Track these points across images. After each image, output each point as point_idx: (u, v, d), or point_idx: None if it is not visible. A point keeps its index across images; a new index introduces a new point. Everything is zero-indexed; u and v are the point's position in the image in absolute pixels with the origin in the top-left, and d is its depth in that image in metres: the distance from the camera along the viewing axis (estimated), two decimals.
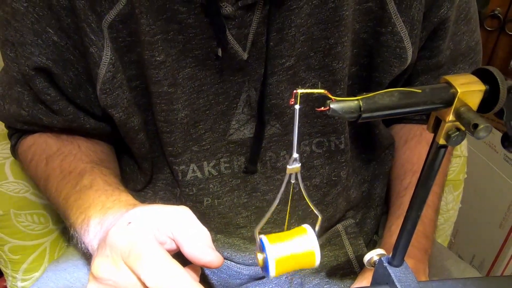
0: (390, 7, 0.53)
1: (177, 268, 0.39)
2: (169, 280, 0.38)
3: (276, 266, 0.37)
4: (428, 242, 0.60)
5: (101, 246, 0.42)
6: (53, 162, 0.59)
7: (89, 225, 0.49)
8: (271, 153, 0.60)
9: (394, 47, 0.55)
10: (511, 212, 1.18)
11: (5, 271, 0.78)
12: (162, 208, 0.45)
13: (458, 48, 0.62)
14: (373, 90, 0.29)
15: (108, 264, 0.41)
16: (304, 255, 0.38)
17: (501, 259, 1.24)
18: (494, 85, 0.31)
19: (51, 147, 0.61)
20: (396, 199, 0.67)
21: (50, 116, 0.58)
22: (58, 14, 0.51)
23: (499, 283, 0.44)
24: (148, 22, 0.50)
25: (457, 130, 0.31)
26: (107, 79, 0.52)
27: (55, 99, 0.56)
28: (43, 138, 0.62)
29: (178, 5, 0.49)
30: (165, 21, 0.50)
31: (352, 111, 0.29)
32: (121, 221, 0.43)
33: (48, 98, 0.56)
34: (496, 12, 1.25)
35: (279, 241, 0.39)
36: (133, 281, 0.40)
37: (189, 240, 0.42)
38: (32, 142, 0.63)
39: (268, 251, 0.37)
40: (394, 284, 0.40)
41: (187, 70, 0.54)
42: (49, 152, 0.60)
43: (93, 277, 0.42)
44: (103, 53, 0.51)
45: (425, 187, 0.37)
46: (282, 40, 0.52)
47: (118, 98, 0.54)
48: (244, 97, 0.56)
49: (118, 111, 0.55)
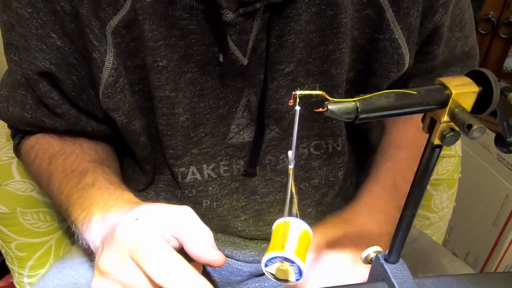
0: (388, 15, 0.53)
1: (183, 264, 0.39)
2: (175, 275, 0.39)
3: (298, 257, 0.38)
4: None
5: (108, 242, 0.42)
6: (56, 161, 0.59)
7: (91, 222, 0.49)
8: (271, 156, 0.60)
9: (391, 54, 0.55)
10: (504, 210, 1.18)
11: (12, 267, 0.78)
12: (166, 207, 0.45)
13: (452, 53, 0.62)
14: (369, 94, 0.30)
15: (116, 259, 0.41)
16: (304, 235, 0.40)
17: (494, 256, 1.24)
18: (488, 86, 0.31)
19: (54, 146, 0.61)
20: (375, 165, 0.66)
21: (53, 119, 0.58)
22: (62, 20, 0.51)
23: (493, 280, 0.43)
24: (151, 28, 0.50)
25: (452, 130, 0.31)
26: (109, 84, 0.52)
27: (58, 103, 0.56)
28: (46, 138, 0.62)
29: (181, 11, 0.49)
30: (167, 27, 0.50)
31: (349, 112, 0.29)
32: (128, 218, 0.43)
33: (51, 102, 0.56)
34: (490, 16, 1.26)
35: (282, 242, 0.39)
36: (139, 277, 0.40)
37: (192, 239, 0.43)
38: (35, 142, 0.62)
39: (286, 254, 0.38)
40: (390, 281, 0.40)
41: (188, 75, 0.54)
42: (52, 151, 0.60)
43: (99, 272, 0.42)
44: (106, 58, 0.51)
45: (420, 186, 0.37)
46: (281, 46, 0.52)
47: (120, 102, 0.54)
48: (244, 101, 0.56)
49: (120, 114, 0.55)
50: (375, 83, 0.58)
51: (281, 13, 0.51)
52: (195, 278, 0.39)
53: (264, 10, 0.50)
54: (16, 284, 0.79)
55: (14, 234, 0.74)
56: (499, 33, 1.27)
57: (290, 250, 0.39)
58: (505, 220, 1.18)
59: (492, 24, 1.26)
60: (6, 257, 0.78)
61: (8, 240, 0.75)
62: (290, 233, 0.40)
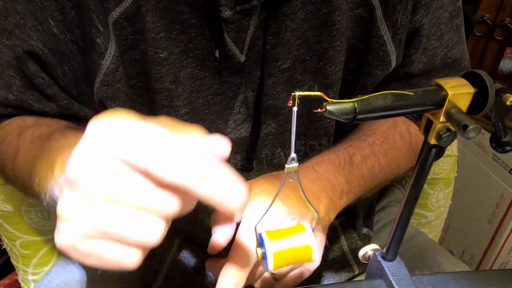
0: (377, 13, 0.53)
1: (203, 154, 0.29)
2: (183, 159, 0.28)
3: (274, 259, 0.37)
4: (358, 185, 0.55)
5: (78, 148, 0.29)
6: (25, 133, 0.52)
7: (60, 169, 0.38)
8: (267, 151, 0.60)
9: (377, 51, 0.55)
10: (499, 209, 1.18)
11: (17, 265, 0.78)
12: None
13: (432, 63, 0.60)
14: (357, 93, 0.29)
15: (88, 159, 0.28)
16: (301, 249, 0.39)
17: (490, 254, 1.24)
18: (483, 87, 0.31)
19: (26, 121, 0.55)
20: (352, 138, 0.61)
21: (43, 102, 0.56)
22: (63, 6, 0.50)
23: (488, 277, 0.44)
24: (153, 19, 0.50)
25: (448, 130, 0.31)
26: (110, 71, 0.52)
27: (49, 84, 0.54)
28: (21, 117, 0.57)
29: (182, 6, 0.49)
30: (169, 20, 0.50)
31: (347, 113, 0.29)
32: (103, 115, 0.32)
33: (42, 82, 0.54)
34: (485, 18, 1.26)
35: (278, 236, 0.39)
36: (126, 176, 0.28)
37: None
38: (8, 122, 0.57)
39: (266, 245, 0.38)
40: (387, 278, 0.40)
41: (188, 70, 0.54)
42: (23, 126, 0.54)
43: (67, 183, 0.29)
44: (109, 44, 0.51)
45: (417, 185, 0.37)
46: (277, 43, 0.52)
47: (118, 91, 0.53)
48: (241, 97, 0.56)
49: (117, 104, 0.54)
50: (362, 80, 0.57)
51: (277, 11, 0.51)
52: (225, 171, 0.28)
53: (261, 8, 0.50)
54: (21, 281, 0.79)
55: (19, 232, 0.74)
56: (495, 35, 1.27)
57: (273, 242, 0.38)
58: (500, 219, 1.18)
59: (488, 26, 1.26)
60: (11, 255, 0.78)
61: (13, 238, 0.75)
62: (292, 237, 0.39)
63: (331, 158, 0.55)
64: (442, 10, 0.57)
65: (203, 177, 0.27)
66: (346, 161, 0.55)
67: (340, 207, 0.52)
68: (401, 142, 0.61)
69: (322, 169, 0.53)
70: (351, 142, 0.59)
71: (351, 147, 0.57)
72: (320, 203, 0.49)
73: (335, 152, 0.56)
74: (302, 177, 0.49)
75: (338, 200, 0.52)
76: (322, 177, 0.52)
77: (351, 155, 0.56)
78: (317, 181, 0.51)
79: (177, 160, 0.27)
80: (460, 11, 0.60)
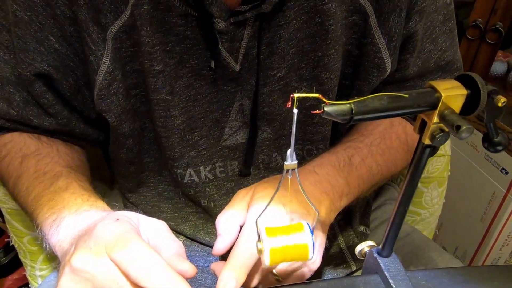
0: (371, 20, 0.53)
1: (160, 261, 0.37)
2: (152, 272, 0.36)
3: (270, 255, 0.37)
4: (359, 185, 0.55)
5: (84, 240, 0.40)
6: (28, 161, 0.55)
7: (60, 225, 0.45)
8: (264, 156, 0.60)
9: (372, 58, 0.54)
10: (491, 207, 1.18)
11: (25, 261, 0.78)
12: (143, 216, 0.45)
13: (426, 66, 0.60)
14: (352, 97, 0.29)
15: (90, 256, 0.38)
16: (298, 248, 0.38)
17: (482, 250, 1.24)
18: (476, 89, 0.31)
19: (29, 146, 0.57)
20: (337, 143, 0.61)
21: (42, 118, 0.56)
22: (62, 23, 0.50)
23: (480, 273, 0.44)
24: (148, 33, 0.50)
25: (441, 131, 0.31)
26: (103, 86, 0.52)
27: (52, 103, 0.55)
28: (23, 137, 0.59)
29: (177, 18, 0.49)
30: (164, 33, 0.50)
31: (344, 114, 0.29)
32: (109, 217, 0.41)
33: (46, 102, 0.55)
34: (477, 23, 1.26)
35: (277, 233, 0.39)
36: (114, 274, 0.37)
37: (165, 248, 0.42)
38: (10, 139, 0.59)
39: (264, 241, 0.37)
40: (383, 273, 0.40)
41: (183, 80, 0.54)
42: (26, 151, 0.57)
43: (70, 269, 0.38)
44: (102, 62, 0.51)
45: (412, 183, 0.37)
46: (272, 53, 0.52)
47: (112, 105, 0.54)
48: (237, 105, 0.56)
49: (111, 116, 0.55)
50: (358, 86, 0.57)
51: (270, 21, 0.50)
52: (171, 275, 0.37)
53: (254, 19, 0.50)
54: (29, 277, 0.79)
55: (26, 229, 0.74)
56: (487, 39, 1.27)
57: (271, 238, 0.38)
58: (492, 216, 1.18)
59: (480, 30, 1.26)
60: (19, 251, 0.77)
61: (21, 235, 0.74)
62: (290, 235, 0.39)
63: (331, 160, 0.55)
64: (435, 14, 0.57)
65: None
66: (345, 163, 0.55)
67: (340, 208, 0.52)
68: (397, 142, 0.61)
69: (323, 171, 0.53)
70: (349, 143, 0.59)
71: (350, 148, 0.57)
72: (321, 205, 0.49)
73: (334, 153, 0.56)
74: (304, 180, 0.50)
75: (338, 201, 0.51)
76: (323, 179, 0.51)
77: (350, 156, 0.56)
78: (318, 183, 0.50)
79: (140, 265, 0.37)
80: (452, 14, 0.59)
